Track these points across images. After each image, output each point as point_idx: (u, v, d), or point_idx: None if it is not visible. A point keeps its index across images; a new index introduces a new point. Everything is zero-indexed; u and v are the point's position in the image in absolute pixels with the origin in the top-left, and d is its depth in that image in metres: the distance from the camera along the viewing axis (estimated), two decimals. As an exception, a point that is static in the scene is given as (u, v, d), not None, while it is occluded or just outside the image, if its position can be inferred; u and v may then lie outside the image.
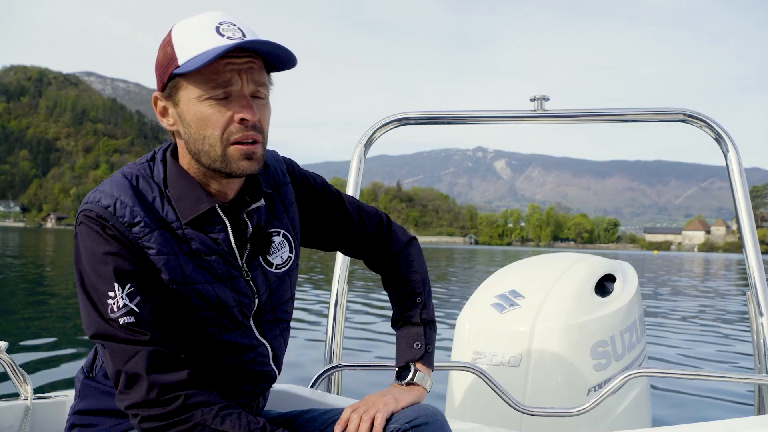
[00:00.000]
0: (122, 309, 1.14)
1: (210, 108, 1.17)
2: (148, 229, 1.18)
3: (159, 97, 1.23)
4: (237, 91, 1.17)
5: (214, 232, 1.25)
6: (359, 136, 2.29)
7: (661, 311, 11.88)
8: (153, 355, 1.14)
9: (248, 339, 1.31)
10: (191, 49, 1.15)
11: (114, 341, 1.15)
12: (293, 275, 1.42)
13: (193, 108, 1.18)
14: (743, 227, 1.96)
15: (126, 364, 1.14)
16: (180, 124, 1.22)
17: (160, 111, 1.24)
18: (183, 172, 1.25)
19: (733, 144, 2.02)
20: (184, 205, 1.22)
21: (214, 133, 1.18)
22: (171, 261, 1.19)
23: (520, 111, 2.21)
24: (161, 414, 1.13)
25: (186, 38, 1.16)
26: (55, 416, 1.65)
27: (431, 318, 1.50)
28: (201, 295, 1.23)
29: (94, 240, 1.16)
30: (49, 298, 11.17)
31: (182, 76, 1.17)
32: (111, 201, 1.18)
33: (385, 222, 1.58)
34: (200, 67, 1.13)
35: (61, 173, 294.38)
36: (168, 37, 1.19)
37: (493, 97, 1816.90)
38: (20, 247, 34.46)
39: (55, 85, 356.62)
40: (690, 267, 42.65)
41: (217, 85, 1.16)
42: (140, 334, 1.14)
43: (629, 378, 1.87)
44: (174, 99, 1.20)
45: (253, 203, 1.31)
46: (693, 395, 5.07)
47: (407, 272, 1.53)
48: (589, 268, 2.30)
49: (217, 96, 1.16)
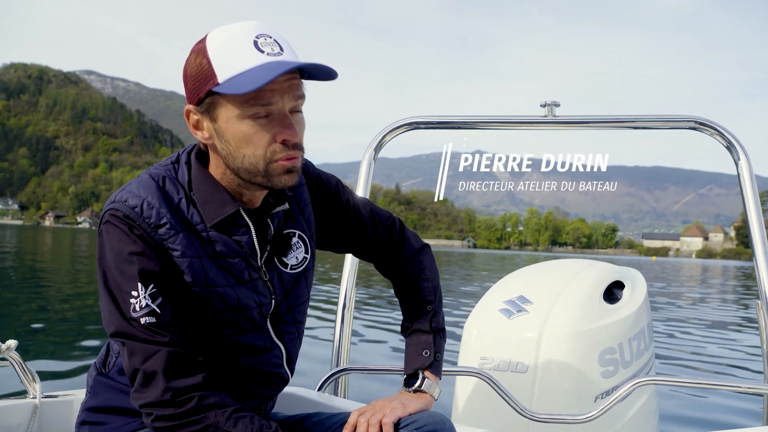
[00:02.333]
0: (144, 309, 1.14)
1: (251, 127, 1.16)
2: (173, 231, 1.18)
3: (193, 111, 1.20)
4: (278, 111, 1.16)
5: (237, 235, 1.25)
6: (360, 139, 2.31)
7: (665, 317, 11.87)
8: (171, 356, 1.14)
9: (264, 341, 1.32)
10: (231, 67, 1.12)
11: (134, 340, 1.15)
12: (309, 276, 1.42)
13: (233, 126, 1.16)
14: (754, 236, 1.96)
15: (144, 363, 1.14)
16: (217, 139, 1.20)
17: (193, 124, 1.22)
18: (208, 175, 1.25)
19: (744, 152, 2.02)
20: (209, 209, 1.22)
21: (256, 153, 1.17)
22: (195, 263, 1.20)
23: (530, 116, 2.21)
24: (175, 414, 1.13)
25: (223, 53, 1.13)
26: (64, 415, 1.64)
27: (441, 326, 1.49)
28: (222, 298, 1.23)
29: (120, 239, 1.16)
30: (49, 296, 11.15)
31: (221, 94, 1.15)
32: (138, 201, 1.18)
33: (398, 227, 1.57)
34: (247, 93, 1.11)
35: (60, 171, 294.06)
36: (202, 49, 1.15)
37: (495, 100, 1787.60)
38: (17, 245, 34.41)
39: (55, 84, 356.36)
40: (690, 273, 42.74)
41: (258, 104, 1.14)
42: (160, 335, 1.15)
43: (637, 386, 1.87)
44: (212, 114, 1.18)
45: (278, 206, 1.31)
46: (701, 404, 5.05)
47: (418, 279, 1.52)
48: (597, 275, 2.29)
49: (258, 115, 1.15)
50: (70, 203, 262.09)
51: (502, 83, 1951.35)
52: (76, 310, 9.50)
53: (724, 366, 7.18)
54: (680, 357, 7.50)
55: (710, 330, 10.65)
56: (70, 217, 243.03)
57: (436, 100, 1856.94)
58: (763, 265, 1.92)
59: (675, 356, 7.47)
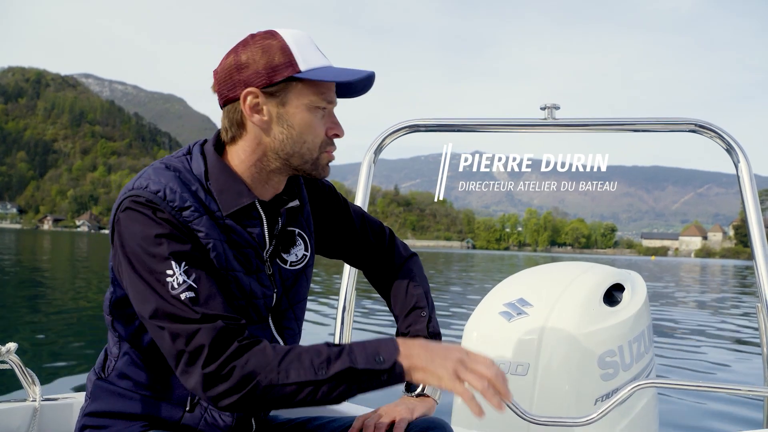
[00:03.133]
0: (183, 285, 1.14)
1: (317, 118, 1.27)
2: (197, 213, 1.20)
3: (257, 93, 1.23)
4: (331, 110, 1.30)
5: (250, 226, 1.28)
6: (358, 141, 2.31)
7: (666, 320, 11.87)
8: (214, 330, 1.12)
9: (265, 335, 1.32)
10: (310, 61, 1.23)
11: (175, 321, 1.12)
12: (308, 274, 1.43)
13: (301, 113, 1.25)
14: (754, 238, 1.96)
15: (189, 343, 1.12)
16: (277, 123, 1.25)
17: (251, 105, 1.24)
18: (225, 166, 1.28)
19: (744, 155, 2.02)
20: (225, 198, 1.25)
21: (315, 141, 1.27)
22: (218, 246, 1.22)
23: (530, 119, 2.21)
24: (230, 389, 1.10)
25: (301, 48, 1.24)
26: (64, 418, 1.65)
27: (437, 331, 1.51)
28: (238, 283, 1.25)
29: (145, 223, 1.16)
30: (47, 300, 11.14)
31: (301, 81, 1.23)
32: (160, 186, 1.19)
33: (388, 235, 1.60)
34: (329, 81, 1.25)
35: (59, 175, 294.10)
36: (277, 41, 1.23)
37: (493, 101, 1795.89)
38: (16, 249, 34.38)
39: (53, 87, 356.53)
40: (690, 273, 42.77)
41: (325, 99, 1.26)
42: (199, 310, 1.13)
43: (637, 389, 1.86)
44: (282, 99, 1.24)
45: (290, 202, 1.36)
46: (701, 407, 5.05)
47: (409, 286, 1.54)
48: (597, 278, 2.29)
49: (322, 108, 1.27)
50: (69, 207, 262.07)
51: (502, 84, 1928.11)
52: (74, 311, 9.49)
53: (724, 368, 7.18)
54: (680, 359, 7.50)
55: (710, 331, 10.65)
56: (68, 221, 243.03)
57: (435, 101, 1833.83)
58: (763, 267, 1.92)
59: (675, 358, 7.47)
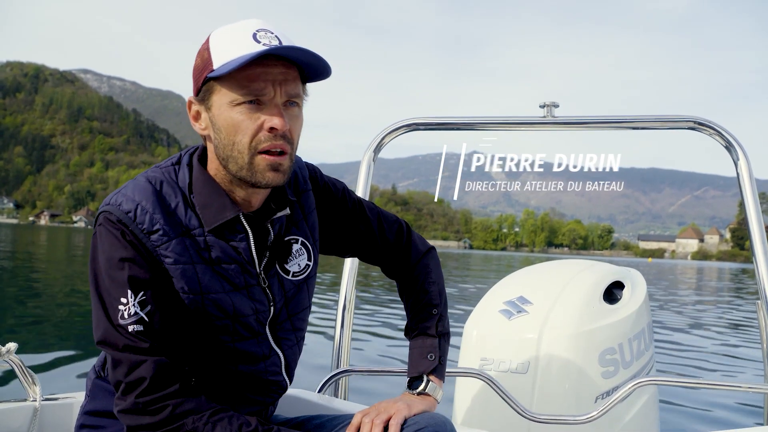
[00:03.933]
0: (132, 317, 1.14)
1: (241, 114, 1.17)
2: (166, 238, 1.17)
3: (193, 101, 1.23)
4: (269, 100, 1.17)
5: (235, 240, 1.24)
6: (354, 140, 2.31)
7: (666, 319, 11.89)
8: (154, 366, 1.14)
9: (262, 348, 1.31)
10: (227, 54, 1.15)
11: (118, 350, 1.14)
12: (311, 283, 1.41)
13: (225, 113, 1.18)
14: (754, 236, 1.96)
15: (128, 375, 1.14)
16: (211, 129, 1.22)
17: (193, 115, 1.24)
18: (209, 178, 1.25)
19: (743, 152, 2.02)
20: (208, 213, 1.22)
21: (243, 140, 1.18)
22: (188, 270, 1.19)
23: (530, 117, 2.21)
24: (152, 424, 1.13)
25: (222, 43, 1.17)
26: (64, 417, 1.64)
27: (446, 330, 1.49)
28: (217, 304, 1.22)
29: (112, 244, 1.16)
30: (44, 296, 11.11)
31: (217, 80, 1.17)
32: (132, 206, 1.17)
33: (405, 230, 1.56)
34: (233, 70, 1.13)
35: (56, 170, 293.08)
36: (206, 43, 1.20)
37: (490, 101, 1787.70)
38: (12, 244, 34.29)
39: (52, 82, 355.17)
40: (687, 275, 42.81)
41: (249, 92, 1.16)
42: (145, 344, 1.14)
43: (637, 386, 1.87)
44: (207, 103, 1.20)
45: (278, 211, 1.30)
46: (701, 404, 5.05)
47: (425, 283, 1.52)
48: (597, 276, 2.29)
49: (248, 102, 1.16)
50: (66, 202, 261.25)
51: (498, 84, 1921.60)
52: (71, 309, 9.47)
53: (724, 366, 7.20)
54: (680, 357, 7.51)
55: (710, 330, 10.67)
56: (65, 216, 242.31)
57: (431, 100, 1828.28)
58: (763, 265, 1.93)
59: (675, 356, 7.48)
